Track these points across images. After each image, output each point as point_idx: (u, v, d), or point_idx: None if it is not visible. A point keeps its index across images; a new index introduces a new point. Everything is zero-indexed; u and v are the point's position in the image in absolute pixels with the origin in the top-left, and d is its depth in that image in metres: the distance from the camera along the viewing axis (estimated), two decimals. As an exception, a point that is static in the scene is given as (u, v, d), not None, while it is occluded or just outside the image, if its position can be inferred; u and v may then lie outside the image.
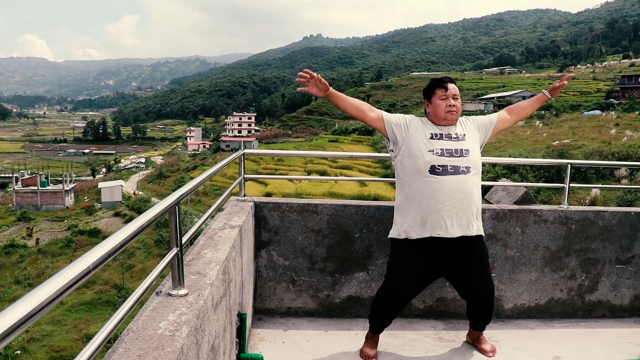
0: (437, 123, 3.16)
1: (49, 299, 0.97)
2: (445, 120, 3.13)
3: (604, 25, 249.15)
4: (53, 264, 35.60)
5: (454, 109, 3.11)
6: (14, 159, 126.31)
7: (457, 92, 3.17)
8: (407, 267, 3.14)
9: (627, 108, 61.59)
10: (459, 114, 3.17)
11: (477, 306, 3.31)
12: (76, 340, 23.41)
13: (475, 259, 3.14)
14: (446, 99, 3.11)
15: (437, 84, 3.18)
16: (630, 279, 4.26)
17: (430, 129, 3.14)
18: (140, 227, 1.49)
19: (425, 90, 3.27)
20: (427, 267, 3.13)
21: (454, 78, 3.30)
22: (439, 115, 3.13)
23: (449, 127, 3.15)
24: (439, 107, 3.12)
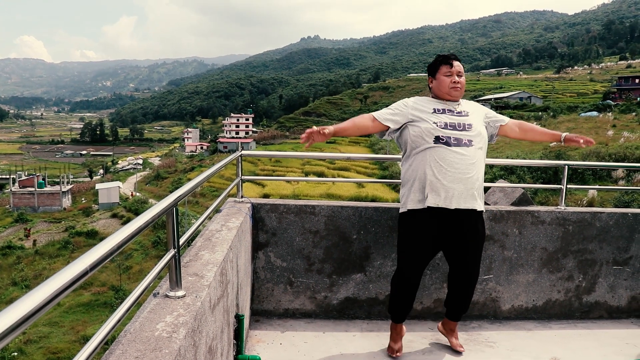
0: (440, 97, 3.19)
1: (46, 301, 0.97)
2: (448, 95, 3.15)
3: (600, 27, 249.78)
4: (50, 266, 35.56)
5: (458, 85, 3.14)
6: (11, 160, 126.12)
7: (462, 69, 3.19)
8: (413, 239, 3.14)
9: (624, 109, 61.72)
10: (462, 91, 3.19)
11: (459, 290, 3.30)
12: (73, 342, 23.38)
13: (473, 235, 3.15)
14: (451, 75, 3.14)
15: (443, 61, 3.19)
16: (628, 280, 4.27)
17: (433, 104, 3.17)
18: (138, 228, 1.49)
19: (430, 67, 3.28)
20: (430, 237, 3.13)
21: None
22: (442, 90, 3.16)
23: (452, 103, 3.18)
24: (443, 82, 3.15)
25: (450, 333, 3.51)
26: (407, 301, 3.27)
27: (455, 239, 3.14)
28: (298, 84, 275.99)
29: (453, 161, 2.99)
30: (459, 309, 3.38)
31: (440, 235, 3.13)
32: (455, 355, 3.44)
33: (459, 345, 3.47)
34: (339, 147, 61.11)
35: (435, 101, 3.20)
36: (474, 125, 3.11)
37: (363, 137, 69.53)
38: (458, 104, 3.20)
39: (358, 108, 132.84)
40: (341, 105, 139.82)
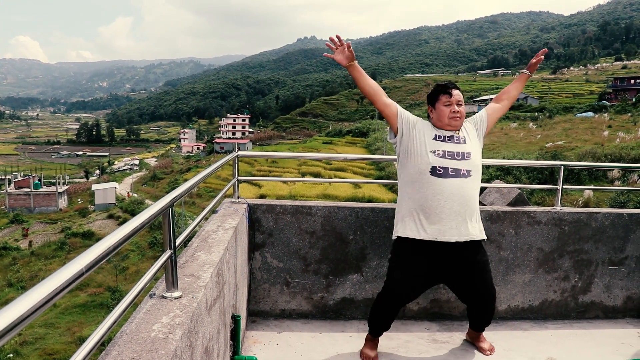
0: (440, 127, 3.17)
1: (42, 302, 0.96)
2: (449, 126, 3.12)
3: (596, 28, 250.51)
4: (46, 267, 35.45)
5: (457, 115, 3.11)
6: (7, 160, 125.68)
7: (462, 98, 3.17)
8: (407, 268, 3.13)
9: (620, 110, 61.96)
10: (462, 120, 3.16)
11: (478, 310, 3.33)
12: (69, 343, 23.31)
13: (476, 265, 3.14)
14: (450, 105, 3.11)
15: (442, 90, 3.17)
16: (623, 280, 4.28)
17: (433, 131, 3.15)
18: (134, 229, 1.49)
19: (429, 96, 3.26)
20: (427, 269, 3.12)
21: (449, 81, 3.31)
22: (442, 121, 3.13)
23: (452, 131, 3.16)
24: (442, 112, 3.12)
25: (476, 340, 3.53)
26: (389, 319, 3.27)
27: (453, 270, 3.14)
28: (294, 85, 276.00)
29: (450, 194, 2.99)
30: (482, 323, 3.41)
31: (436, 267, 3.13)
32: (451, 356, 3.44)
33: (488, 349, 3.47)
34: (336, 148, 61.10)
35: (436, 128, 3.17)
36: (472, 154, 3.11)
37: (359, 137, 69.59)
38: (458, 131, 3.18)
39: (355, 108, 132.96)
40: (337, 106, 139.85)
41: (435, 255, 3.07)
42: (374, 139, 64.73)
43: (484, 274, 3.19)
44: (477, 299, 3.25)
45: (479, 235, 3.12)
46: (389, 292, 3.19)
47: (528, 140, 51.48)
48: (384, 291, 3.24)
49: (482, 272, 3.18)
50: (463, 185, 3.01)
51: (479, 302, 3.26)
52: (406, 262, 3.14)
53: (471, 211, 3.05)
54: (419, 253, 3.09)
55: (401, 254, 3.16)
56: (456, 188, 2.99)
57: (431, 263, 3.10)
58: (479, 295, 3.22)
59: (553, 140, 48.88)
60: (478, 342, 3.52)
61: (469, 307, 3.37)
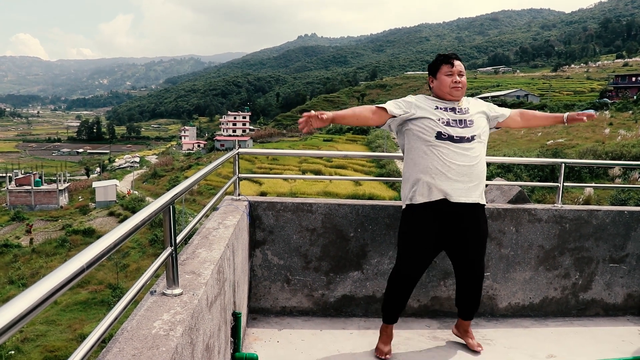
0: (441, 97, 3.19)
1: (42, 299, 0.96)
2: (449, 95, 3.15)
3: (597, 25, 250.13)
4: (47, 264, 35.46)
5: (459, 85, 3.14)
6: (8, 158, 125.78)
7: (463, 69, 3.19)
8: (415, 235, 3.14)
9: (621, 108, 61.86)
10: (464, 91, 3.18)
11: (466, 288, 3.30)
12: (70, 340, 23.33)
13: (477, 230, 3.16)
14: (452, 75, 3.14)
15: (444, 60, 3.19)
16: (624, 277, 4.28)
17: (435, 102, 3.17)
18: (135, 226, 1.49)
19: (430, 66, 3.28)
20: (433, 233, 3.13)
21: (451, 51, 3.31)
22: (443, 90, 3.15)
23: (453, 102, 3.18)
24: (444, 82, 3.15)
25: (464, 334, 3.51)
26: (403, 300, 3.27)
27: (458, 234, 3.15)
28: (295, 82, 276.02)
29: (456, 157, 3.01)
30: (470, 308, 3.38)
31: (443, 231, 3.14)
32: (452, 353, 3.44)
33: (477, 345, 3.45)
34: (336, 145, 61.06)
35: (437, 100, 3.20)
36: (475, 122, 3.13)
37: (360, 135, 69.56)
38: (459, 102, 3.20)
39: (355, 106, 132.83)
40: (338, 103, 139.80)
41: (442, 217, 3.08)
42: (375, 136, 64.71)
43: (481, 248, 3.21)
44: (468, 271, 3.24)
45: (483, 201, 3.15)
46: (401, 270, 3.20)
47: (529, 137, 51.49)
48: (395, 270, 3.24)
49: (480, 245, 3.20)
50: (469, 148, 3.04)
51: (468, 277, 3.25)
52: (416, 231, 3.14)
53: (477, 174, 3.07)
54: (427, 218, 3.09)
55: (410, 223, 3.17)
56: (462, 150, 3.02)
57: (438, 227, 3.11)
58: (470, 268, 3.22)
59: (554, 137, 48.88)
60: (467, 337, 3.49)
61: (459, 286, 3.35)
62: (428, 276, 3.96)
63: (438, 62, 3.22)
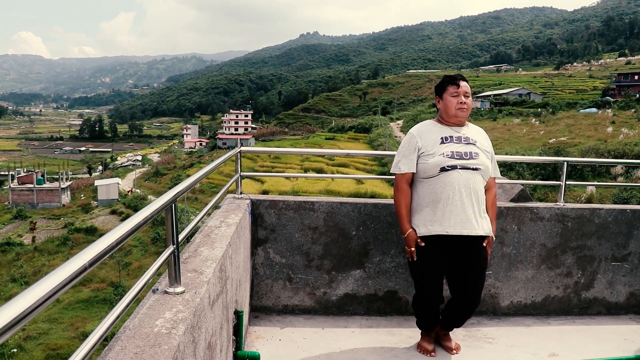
0: (447, 120, 3.20)
1: (45, 297, 0.96)
2: (455, 117, 3.16)
3: (600, 23, 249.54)
4: (49, 262, 35.55)
5: (464, 106, 3.14)
6: (10, 156, 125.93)
7: (469, 90, 3.19)
8: (424, 264, 3.17)
9: (623, 106, 61.77)
10: (469, 112, 3.19)
11: (458, 309, 3.28)
12: (73, 339, 23.39)
13: (476, 262, 3.16)
14: (457, 96, 3.14)
15: (449, 81, 3.20)
16: (626, 276, 4.27)
17: (440, 132, 3.18)
18: (137, 224, 1.49)
19: (437, 87, 3.29)
20: (440, 258, 3.15)
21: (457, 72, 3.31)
22: (449, 112, 3.16)
23: (459, 128, 3.18)
24: (449, 103, 3.15)
25: (443, 339, 3.46)
26: (435, 315, 3.30)
27: (459, 265, 3.16)
28: (297, 80, 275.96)
29: (458, 187, 3.03)
30: (454, 324, 3.38)
31: (445, 261, 3.16)
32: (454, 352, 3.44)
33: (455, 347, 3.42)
34: (338, 144, 61.07)
35: (441, 127, 3.20)
36: (480, 155, 3.14)
37: (362, 133, 69.54)
38: (466, 127, 3.21)
39: (357, 104, 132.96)
40: (340, 102, 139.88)
41: (445, 249, 3.11)
42: (377, 134, 64.72)
43: (480, 276, 3.20)
44: (463, 298, 3.23)
45: (488, 232, 3.14)
46: (422, 296, 3.25)
47: (531, 136, 51.40)
48: (417, 296, 3.29)
49: (479, 274, 3.19)
50: (471, 178, 3.05)
51: (464, 302, 3.23)
52: (424, 260, 3.16)
53: (479, 205, 3.08)
54: (432, 251, 3.12)
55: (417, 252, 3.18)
56: (464, 180, 3.04)
57: (441, 258, 3.14)
58: (467, 297, 3.21)
59: (556, 136, 48.80)
60: (445, 341, 3.45)
61: (451, 303, 3.32)
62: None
63: (444, 82, 3.23)
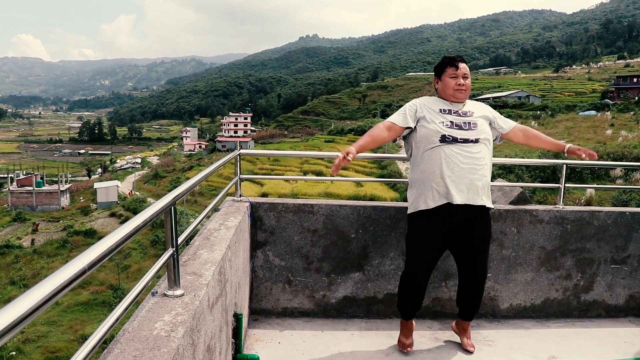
0: (445, 100, 3.23)
1: (44, 300, 0.96)
2: (453, 97, 3.18)
3: (599, 26, 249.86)
4: (48, 265, 35.48)
5: (463, 87, 3.17)
6: (9, 159, 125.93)
7: (468, 71, 3.22)
8: (422, 238, 3.18)
9: (622, 108, 61.81)
10: (467, 93, 3.21)
11: (468, 288, 3.31)
12: (72, 341, 23.34)
13: (481, 233, 3.18)
14: (456, 78, 3.17)
15: (448, 62, 3.23)
16: (626, 278, 4.27)
17: (439, 104, 3.21)
18: (136, 227, 1.49)
19: (436, 68, 3.32)
20: (440, 235, 3.16)
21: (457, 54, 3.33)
22: (447, 92, 3.19)
23: (457, 105, 3.21)
24: (448, 84, 3.18)
25: (462, 332, 3.53)
26: (418, 299, 3.31)
27: (463, 236, 3.17)
28: (296, 83, 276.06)
29: (460, 159, 3.03)
30: (471, 308, 3.40)
31: (449, 233, 3.16)
32: (453, 354, 3.44)
33: (470, 345, 3.47)
34: (338, 146, 61.07)
35: (441, 101, 3.24)
36: (479, 124, 3.15)
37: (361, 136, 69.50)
38: (463, 104, 3.23)
39: (357, 107, 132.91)
40: (340, 104, 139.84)
41: (448, 220, 3.10)
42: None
43: (484, 250, 3.23)
44: (470, 272, 3.26)
45: (489, 203, 3.16)
46: (411, 272, 3.24)
47: (530, 138, 51.40)
48: (405, 272, 3.28)
49: (483, 247, 3.22)
50: (472, 150, 3.06)
51: (470, 277, 3.27)
52: (423, 235, 3.17)
53: (481, 176, 3.08)
54: (434, 222, 3.12)
55: (418, 228, 3.20)
56: (466, 152, 3.04)
57: (444, 229, 3.14)
58: (473, 268, 3.24)
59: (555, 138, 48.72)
60: (462, 335, 3.51)
61: (460, 286, 3.38)
62: (430, 278, 3.96)
63: (443, 64, 3.26)
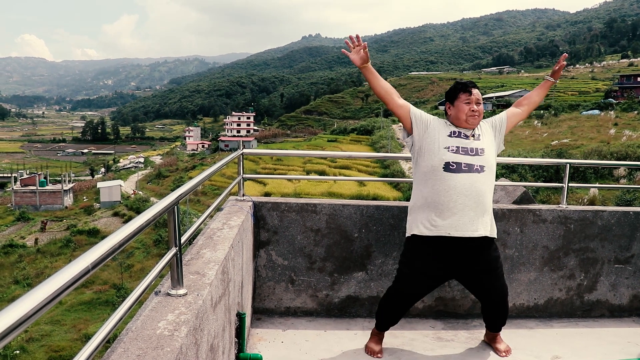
0: (457, 125, 3.18)
1: (47, 299, 0.97)
2: (466, 123, 3.14)
3: (602, 25, 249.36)
4: (52, 264, 35.58)
5: (476, 113, 3.13)
6: (13, 158, 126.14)
7: (480, 97, 3.18)
8: (417, 266, 3.15)
9: (626, 108, 61.66)
10: (480, 119, 3.18)
11: (489, 308, 3.33)
12: (75, 340, 23.40)
13: (486, 261, 3.15)
14: (469, 103, 3.13)
15: (462, 88, 3.18)
16: (629, 278, 4.26)
17: (449, 127, 3.17)
18: (139, 226, 1.49)
19: (448, 93, 3.27)
20: (438, 267, 3.13)
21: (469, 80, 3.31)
22: (460, 118, 3.14)
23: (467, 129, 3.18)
24: (462, 109, 3.13)
25: (492, 341, 3.52)
26: (397, 316, 3.30)
27: (466, 268, 3.15)
28: (299, 83, 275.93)
29: (463, 189, 3.00)
30: (496, 323, 3.41)
31: (450, 264, 3.14)
32: (456, 354, 3.44)
33: (504, 351, 3.44)
34: (340, 146, 61.07)
35: (451, 125, 3.19)
36: (486, 150, 3.12)
37: (364, 135, 69.53)
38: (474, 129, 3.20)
39: (359, 106, 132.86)
40: (342, 104, 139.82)
41: (447, 252, 3.08)
42: (379, 136, 64.68)
43: (495, 272, 3.20)
44: (487, 296, 3.26)
45: (492, 233, 3.13)
46: (397, 291, 3.22)
47: (533, 138, 51.40)
48: (392, 289, 3.26)
49: (492, 271, 3.19)
50: (476, 180, 3.03)
51: (489, 299, 3.27)
52: (417, 262, 3.15)
53: (484, 207, 3.05)
54: (431, 251, 3.10)
55: (412, 253, 3.18)
56: (469, 183, 3.01)
57: (443, 261, 3.11)
58: (488, 295, 3.24)
59: (559, 138, 48.78)
60: (494, 343, 3.50)
61: (482, 305, 3.38)
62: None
63: (456, 89, 3.21)
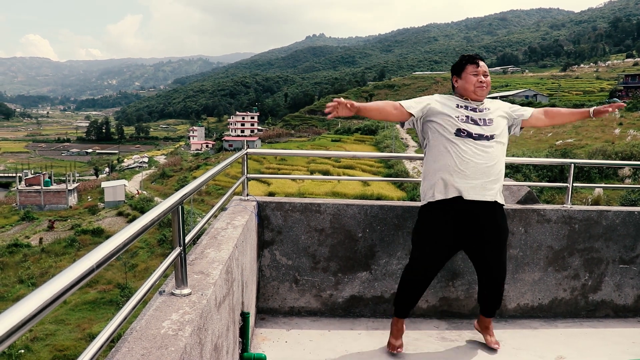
0: (465, 97, 3.21)
1: (52, 298, 0.97)
2: (474, 94, 3.17)
3: (607, 25, 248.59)
4: (56, 264, 35.69)
5: (484, 84, 3.16)
6: (18, 158, 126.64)
7: (487, 69, 3.21)
8: (430, 234, 3.16)
9: (631, 107, 61.34)
10: (488, 90, 3.20)
11: (487, 287, 3.32)
12: (79, 340, 23.47)
13: (494, 229, 3.16)
14: (477, 75, 3.16)
15: (469, 60, 3.21)
16: (634, 278, 4.25)
17: (456, 100, 3.20)
18: (144, 226, 1.49)
19: (454, 66, 3.29)
20: (449, 234, 3.14)
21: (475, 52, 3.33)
22: (468, 89, 3.17)
23: (475, 102, 3.20)
24: (469, 81, 3.16)
25: (485, 330, 3.52)
26: (415, 296, 3.28)
27: (475, 233, 3.16)
28: (303, 82, 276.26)
29: (474, 155, 3.02)
30: (491, 305, 3.40)
31: (460, 231, 3.15)
32: (460, 354, 3.43)
33: (494, 342, 3.46)
34: (345, 146, 61.03)
35: (458, 98, 3.22)
36: (495, 121, 3.14)
37: (368, 135, 69.50)
38: (481, 102, 3.22)
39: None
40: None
41: (459, 216, 3.09)
42: (383, 136, 64.67)
43: (500, 244, 3.21)
44: (487, 272, 3.26)
45: (501, 200, 3.16)
46: (412, 268, 3.23)
47: (538, 138, 51.27)
48: (408, 267, 3.27)
49: (498, 242, 3.20)
50: (487, 146, 3.06)
51: (488, 277, 3.27)
52: (430, 229, 3.17)
53: (496, 173, 3.08)
54: (443, 217, 3.11)
55: (426, 220, 3.20)
56: (480, 148, 3.04)
57: (455, 226, 3.12)
58: (489, 269, 3.24)
59: (563, 138, 48.67)
60: (485, 332, 3.50)
61: (479, 285, 3.38)
62: (437, 277, 3.95)
63: (463, 62, 3.24)
